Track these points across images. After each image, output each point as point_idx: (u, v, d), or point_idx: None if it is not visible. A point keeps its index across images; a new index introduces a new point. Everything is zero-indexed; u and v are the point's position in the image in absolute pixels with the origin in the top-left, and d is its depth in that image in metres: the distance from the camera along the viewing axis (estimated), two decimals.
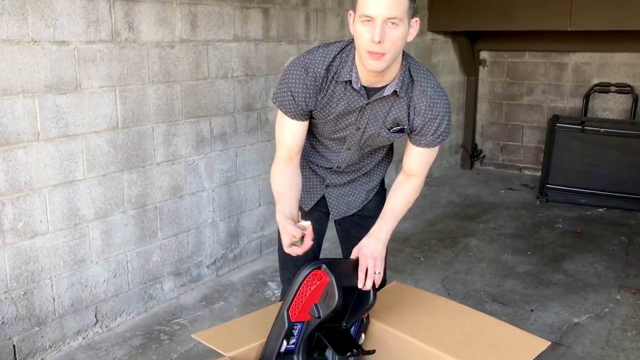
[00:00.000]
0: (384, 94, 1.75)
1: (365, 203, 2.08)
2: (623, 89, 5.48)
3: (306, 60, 1.76)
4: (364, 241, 1.83)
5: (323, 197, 2.08)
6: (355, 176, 2.04)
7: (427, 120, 1.78)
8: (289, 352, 1.74)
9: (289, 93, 1.77)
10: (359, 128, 1.84)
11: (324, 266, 1.74)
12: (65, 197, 2.66)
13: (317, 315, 1.72)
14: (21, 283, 2.54)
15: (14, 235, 2.49)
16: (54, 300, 2.68)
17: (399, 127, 1.83)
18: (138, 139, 2.95)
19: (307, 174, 2.05)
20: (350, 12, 1.68)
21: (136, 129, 2.94)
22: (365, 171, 2.04)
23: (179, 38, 3.08)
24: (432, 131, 1.80)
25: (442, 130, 1.81)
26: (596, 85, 5.62)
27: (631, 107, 5.45)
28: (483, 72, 6.24)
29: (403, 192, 1.93)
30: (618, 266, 3.76)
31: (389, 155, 2.09)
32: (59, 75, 2.56)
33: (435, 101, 1.77)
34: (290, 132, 1.85)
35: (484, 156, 6.40)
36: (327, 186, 2.05)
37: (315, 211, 2.10)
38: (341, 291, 1.69)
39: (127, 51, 2.83)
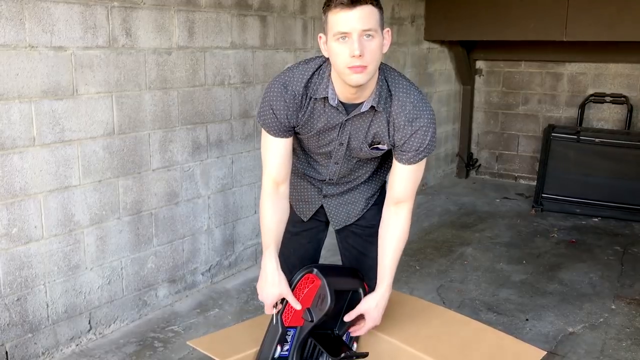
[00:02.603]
0: (362, 110, 1.74)
1: (365, 211, 2.06)
2: (618, 99, 5.51)
3: (285, 78, 1.77)
4: (372, 302, 1.85)
5: (322, 206, 2.07)
6: (353, 185, 2.02)
7: (408, 136, 1.75)
8: (282, 358, 1.74)
9: (271, 110, 1.77)
10: (342, 143, 1.84)
11: (315, 270, 1.76)
12: (60, 203, 2.65)
13: (310, 319, 1.73)
14: (15, 289, 2.53)
15: (7, 241, 2.48)
16: (47, 306, 2.66)
17: (378, 145, 1.82)
18: (134, 145, 2.95)
19: (304, 184, 2.04)
20: (321, 35, 1.68)
21: (132, 135, 2.93)
22: (363, 180, 2.02)
23: (176, 45, 3.08)
24: (415, 147, 1.76)
25: (425, 145, 1.76)
26: (591, 95, 5.65)
27: (626, 118, 5.47)
28: (479, 81, 6.27)
29: (395, 235, 1.87)
30: (613, 276, 3.76)
31: (388, 162, 2.06)
32: (55, 80, 2.56)
33: (414, 117, 1.73)
34: (275, 152, 1.84)
35: (480, 165, 6.42)
36: (324, 196, 2.04)
37: (314, 220, 2.09)
38: (333, 294, 1.71)
39: (124, 57, 2.83)
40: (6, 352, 2.52)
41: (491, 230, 4.65)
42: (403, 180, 1.83)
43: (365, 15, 1.57)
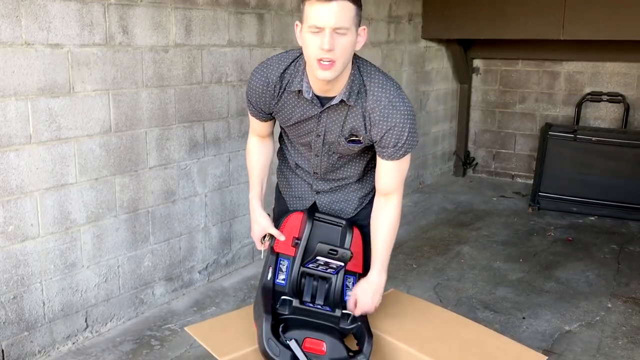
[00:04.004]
0: (332, 103, 1.76)
1: (358, 210, 2.06)
2: (615, 98, 5.52)
3: (263, 66, 1.83)
4: (362, 286, 1.88)
5: (315, 203, 2.07)
6: (343, 183, 2.03)
7: (384, 131, 1.74)
8: (279, 285, 1.86)
9: (247, 96, 1.89)
10: (319, 135, 1.86)
11: (306, 211, 1.97)
12: (56, 201, 2.64)
13: (296, 243, 1.90)
14: (11, 287, 2.52)
15: (4, 239, 2.47)
16: (44, 304, 2.66)
17: (355, 138, 1.83)
18: (131, 143, 2.94)
19: (297, 180, 2.07)
20: (297, 23, 1.70)
21: (129, 133, 2.93)
22: (355, 179, 2.02)
23: (173, 42, 3.08)
24: (392, 142, 1.76)
25: (403, 141, 1.75)
26: (588, 94, 5.66)
27: (622, 116, 5.49)
28: (476, 80, 6.27)
29: (386, 222, 1.89)
30: (609, 274, 3.77)
31: None
32: (52, 78, 2.55)
33: (389, 111, 1.73)
34: (257, 126, 2.01)
35: (477, 163, 6.42)
36: (317, 193, 2.05)
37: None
38: (312, 218, 1.90)
39: (121, 55, 2.82)
40: (2, 351, 2.52)
41: (488, 229, 4.65)
42: (387, 174, 1.85)
43: (340, 11, 1.58)
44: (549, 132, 5.19)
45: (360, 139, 1.82)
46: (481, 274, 3.77)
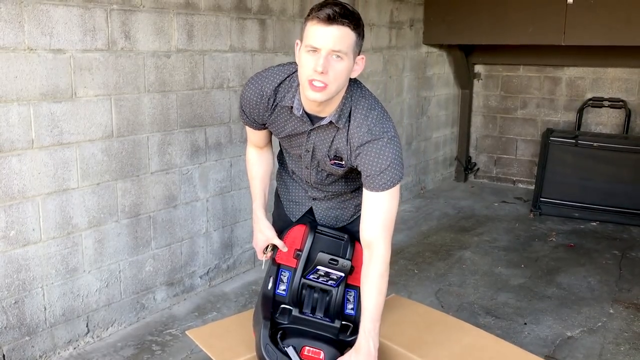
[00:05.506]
0: (322, 123, 1.76)
1: (354, 217, 2.06)
2: (616, 103, 5.52)
3: (258, 78, 1.83)
4: (352, 356, 1.72)
5: (312, 208, 2.08)
6: (337, 193, 2.03)
7: (361, 157, 1.73)
8: (279, 296, 1.86)
9: (240, 105, 1.88)
10: (308, 151, 1.86)
11: (308, 224, 1.97)
12: (58, 206, 2.64)
13: (298, 254, 1.90)
14: (12, 292, 2.52)
15: (5, 243, 2.47)
16: (45, 309, 2.66)
17: (339, 161, 1.82)
18: (133, 148, 2.95)
19: (294, 185, 2.08)
20: (297, 41, 1.70)
21: (131, 137, 2.93)
22: (350, 190, 2.02)
23: (175, 48, 3.09)
24: (371, 171, 1.71)
25: (382, 170, 1.70)
26: (590, 99, 5.66)
27: (624, 122, 5.49)
28: (477, 85, 6.28)
29: (372, 285, 1.75)
30: (611, 280, 3.76)
31: None
32: (54, 83, 2.55)
33: (368, 139, 1.70)
34: (253, 135, 2.01)
35: (478, 169, 6.42)
36: (314, 199, 2.06)
37: (305, 218, 2.10)
38: (314, 231, 1.90)
39: (123, 60, 2.83)
40: (3, 355, 2.51)
41: (489, 234, 4.65)
42: (368, 209, 1.75)
43: (339, 36, 1.58)
44: (551, 138, 5.19)
45: (343, 162, 1.82)
46: (483, 279, 3.77)
